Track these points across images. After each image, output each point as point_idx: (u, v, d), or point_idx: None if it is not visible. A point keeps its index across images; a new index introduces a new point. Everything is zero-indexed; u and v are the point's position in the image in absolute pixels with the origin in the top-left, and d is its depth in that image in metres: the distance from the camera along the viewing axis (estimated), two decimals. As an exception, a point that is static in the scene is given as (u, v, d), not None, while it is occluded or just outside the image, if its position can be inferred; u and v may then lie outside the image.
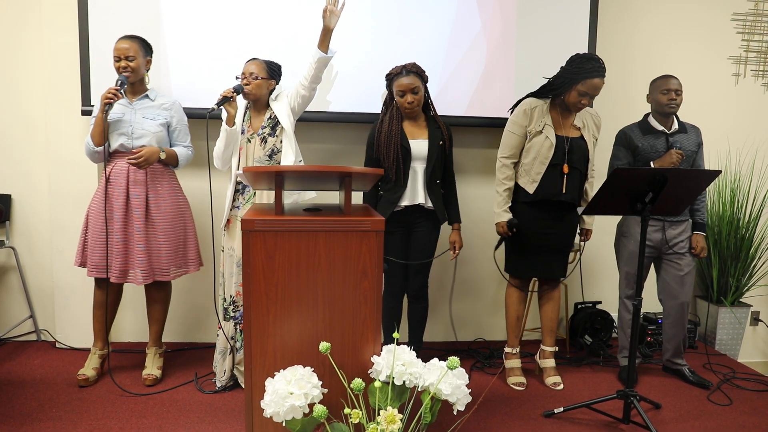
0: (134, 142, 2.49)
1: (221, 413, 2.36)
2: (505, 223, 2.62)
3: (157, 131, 2.53)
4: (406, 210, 2.60)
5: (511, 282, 2.77)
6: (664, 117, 2.73)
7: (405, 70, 2.51)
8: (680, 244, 2.76)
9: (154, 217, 2.52)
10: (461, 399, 1.68)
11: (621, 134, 2.80)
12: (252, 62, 2.47)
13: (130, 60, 2.45)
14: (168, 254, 2.55)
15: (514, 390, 2.69)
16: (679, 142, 2.72)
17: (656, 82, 2.74)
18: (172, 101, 2.62)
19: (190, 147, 2.68)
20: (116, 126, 2.48)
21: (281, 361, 1.78)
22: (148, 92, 2.58)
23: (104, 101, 2.36)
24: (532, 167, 2.58)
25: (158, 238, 2.53)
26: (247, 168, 1.79)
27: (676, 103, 2.67)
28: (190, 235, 2.67)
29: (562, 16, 3.09)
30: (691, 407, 2.56)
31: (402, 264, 2.65)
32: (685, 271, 2.76)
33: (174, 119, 2.61)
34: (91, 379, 2.57)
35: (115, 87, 2.38)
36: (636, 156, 2.75)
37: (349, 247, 1.77)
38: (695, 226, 2.78)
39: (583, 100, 2.50)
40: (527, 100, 2.63)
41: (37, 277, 3.14)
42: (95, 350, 2.66)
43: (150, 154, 2.45)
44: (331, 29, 2.42)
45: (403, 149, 2.54)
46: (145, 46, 2.53)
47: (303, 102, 2.53)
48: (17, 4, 2.95)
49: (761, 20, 3.45)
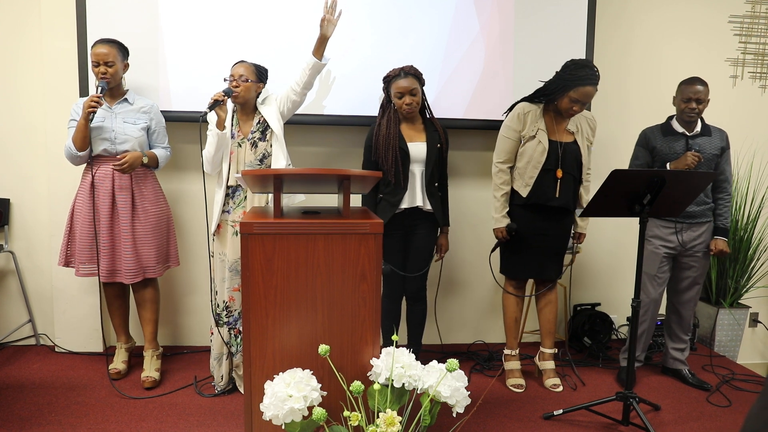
0: (117, 147, 2.53)
1: (221, 416, 2.35)
2: (504, 228, 2.62)
3: (139, 136, 2.58)
4: (405, 212, 2.61)
5: (506, 289, 2.78)
6: (685, 121, 2.72)
7: (403, 72, 2.52)
8: (698, 247, 2.75)
9: (141, 218, 2.59)
10: (460, 401, 1.68)
11: (642, 135, 2.81)
12: (240, 65, 2.47)
13: (110, 65, 2.47)
14: (155, 252, 2.62)
15: (514, 392, 2.69)
16: (699, 144, 2.69)
17: (681, 85, 2.69)
18: (151, 104, 2.66)
19: (168, 148, 2.74)
20: (98, 131, 2.51)
21: (280, 363, 1.78)
22: (127, 96, 2.61)
23: (87, 110, 2.39)
24: (526, 171, 2.59)
25: (147, 236, 2.60)
26: (246, 171, 1.80)
27: (695, 112, 2.64)
28: (171, 233, 2.77)
29: (559, 19, 3.10)
30: (690, 409, 2.56)
31: (400, 266, 2.66)
32: (698, 273, 2.79)
33: (153, 122, 2.65)
34: (122, 371, 2.72)
35: (96, 95, 2.40)
36: (654, 157, 2.75)
37: (347, 250, 1.78)
38: (717, 231, 2.76)
39: (574, 107, 2.50)
40: (521, 104, 2.64)
41: (36, 281, 3.14)
42: (120, 344, 2.81)
43: (134, 159, 2.49)
44: (327, 37, 2.45)
45: (402, 152, 2.55)
46: (123, 50, 2.55)
47: (293, 107, 2.54)
48: (16, 10, 2.96)
49: (758, 22, 3.46)
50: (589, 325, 3.26)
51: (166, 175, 3.05)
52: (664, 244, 2.76)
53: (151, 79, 2.87)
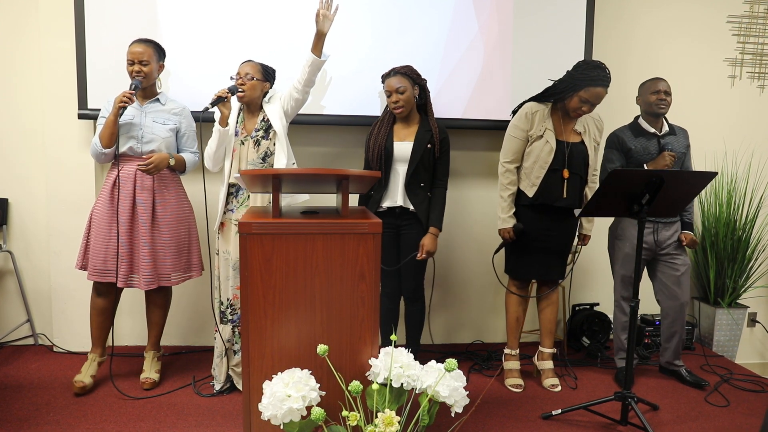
0: (143, 147, 2.47)
1: (219, 416, 2.35)
2: (510, 228, 2.62)
3: (167, 136, 2.52)
4: (392, 212, 2.61)
5: (509, 289, 2.77)
6: (654, 118, 2.74)
7: (393, 71, 2.54)
8: (673, 244, 2.77)
9: (161, 223, 2.50)
10: (459, 401, 1.68)
11: (612, 137, 2.80)
12: (247, 63, 2.48)
13: (144, 65, 2.42)
14: (173, 260, 2.54)
15: (512, 392, 2.69)
16: (670, 144, 2.74)
17: (645, 84, 2.76)
18: (182, 107, 2.61)
19: (197, 153, 2.67)
20: (126, 129, 2.45)
21: (279, 363, 1.78)
22: (159, 96, 2.56)
23: (119, 105, 2.34)
24: (532, 171, 2.59)
25: (164, 243, 2.51)
26: (244, 171, 1.80)
27: (665, 103, 2.69)
28: (193, 240, 2.66)
29: (558, 19, 3.11)
30: (688, 408, 2.56)
31: (393, 264, 2.65)
32: (681, 271, 2.77)
33: (183, 125, 2.59)
34: (88, 386, 2.52)
35: (129, 91, 2.36)
36: (629, 158, 2.75)
37: (346, 250, 1.78)
38: (684, 226, 2.81)
39: (583, 107, 2.50)
40: (528, 104, 2.63)
41: (35, 281, 3.14)
42: (94, 356, 2.62)
43: (160, 160, 2.44)
44: (324, 33, 2.43)
45: (386, 151, 2.56)
46: (159, 51, 2.51)
47: (296, 105, 2.53)
48: (14, 10, 2.96)
49: (756, 22, 3.46)
50: (587, 325, 3.26)
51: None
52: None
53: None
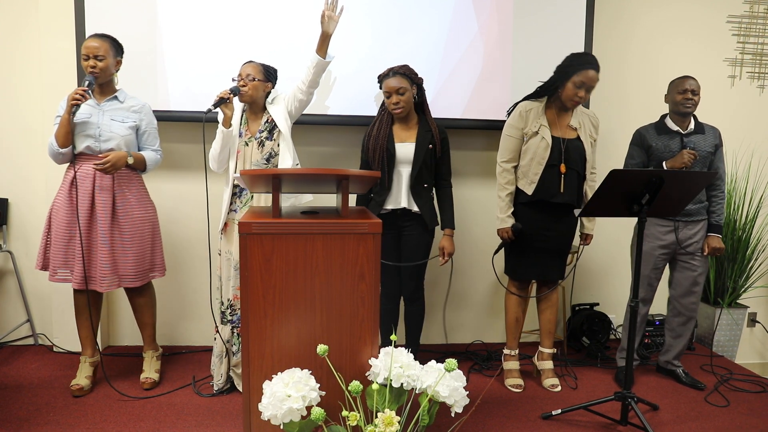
0: (101, 145, 2.41)
1: (219, 416, 2.35)
2: (509, 228, 2.62)
3: (126, 134, 2.45)
4: (394, 213, 2.61)
5: (509, 290, 2.77)
6: (680, 117, 2.72)
7: (392, 72, 2.53)
8: (694, 245, 2.75)
9: (122, 223, 2.44)
10: (459, 401, 1.68)
11: (636, 134, 2.81)
12: (249, 64, 2.48)
13: (99, 59, 2.35)
14: (134, 261, 2.47)
15: (512, 392, 2.69)
16: (693, 142, 2.71)
17: (674, 82, 2.73)
18: (142, 104, 2.54)
19: (159, 151, 2.60)
20: (83, 128, 2.39)
21: (279, 363, 1.78)
22: (117, 94, 2.49)
23: (71, 102, 2.28)
24: (530, 168, 2.59)
25: (124, 244, 2.45)
26: (244, 171, 1.79)
27: (692, 102, 2.66)
28: (156, 241, 2.60)
29: (558, 19, 3.11)
30: (688, 408, 2.56)
31: (394, 266, 2.65)
32: (698, 272, 2.76)
33: (143, 122, 2.52)
34: (85, 388, 2.51)
35: (82, 88, 2.29)
36: (650, 156, 2.75)
37: (346, 250, 1.77)
38: (710, 228, 2.76)
39: (579, 93, 2.49)
40: (522, 103, 2.64)
41: (35, 281, 3.14)
42: (85, 358, 2.60)
43: (117, 159, 2.37)
44: (329, 34, 2.43)
45: (388, 153, 2.55)
46: (116, 46, 2.44)
47: (300, 106, 2.53)
48: (14, 10, 2.96)
49: (756, 22, 3.46)
50: (587, 325, 3.26)
51: (166, 175, 3.05)
52: (660, 243, 2.76)
53: (149, 79, 2.87)
